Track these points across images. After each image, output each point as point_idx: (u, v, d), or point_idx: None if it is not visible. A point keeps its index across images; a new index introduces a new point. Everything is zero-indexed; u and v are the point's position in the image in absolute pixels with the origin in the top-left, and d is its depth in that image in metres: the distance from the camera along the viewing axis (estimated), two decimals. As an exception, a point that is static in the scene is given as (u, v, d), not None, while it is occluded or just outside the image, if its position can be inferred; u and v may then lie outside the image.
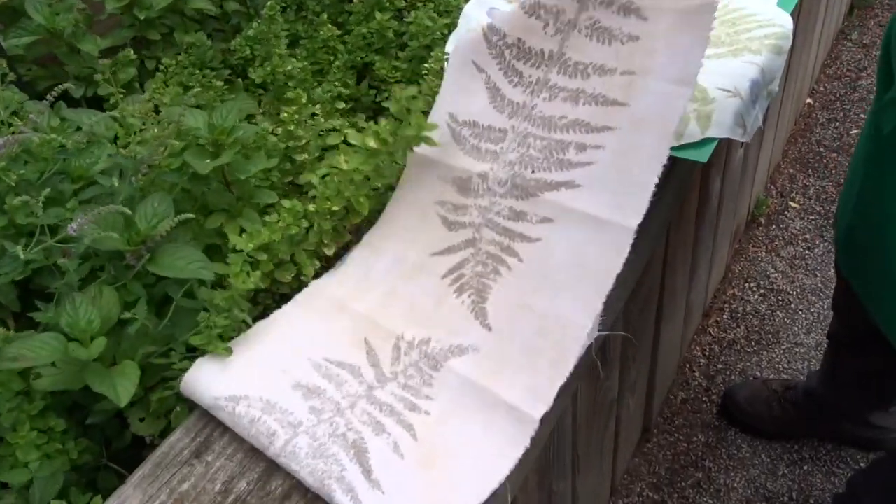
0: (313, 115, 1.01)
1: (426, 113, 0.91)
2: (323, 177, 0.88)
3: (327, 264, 0.89)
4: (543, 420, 0.72)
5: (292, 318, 0.83)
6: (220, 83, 1.10)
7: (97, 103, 1.12)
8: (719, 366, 1.79)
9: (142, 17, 1.18)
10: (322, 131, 0.96)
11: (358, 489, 0.67)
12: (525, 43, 0.90)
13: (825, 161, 2.33)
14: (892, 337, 1.05)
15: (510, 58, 0.91)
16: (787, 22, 1.19)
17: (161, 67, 1.00)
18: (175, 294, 0.70)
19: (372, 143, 0.81)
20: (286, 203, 0.81)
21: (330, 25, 1.22)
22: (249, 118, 1.13)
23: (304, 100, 0.92)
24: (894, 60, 0.99)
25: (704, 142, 0.99)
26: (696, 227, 1.44)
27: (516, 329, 0.79)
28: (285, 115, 0.90)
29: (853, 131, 2.43)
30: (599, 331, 0.82)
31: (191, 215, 0.70)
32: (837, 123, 2.47)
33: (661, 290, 1.33)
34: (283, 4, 1.35)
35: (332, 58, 1.22)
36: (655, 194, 0.81)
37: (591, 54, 0.87)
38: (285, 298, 0.85)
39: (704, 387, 1.76)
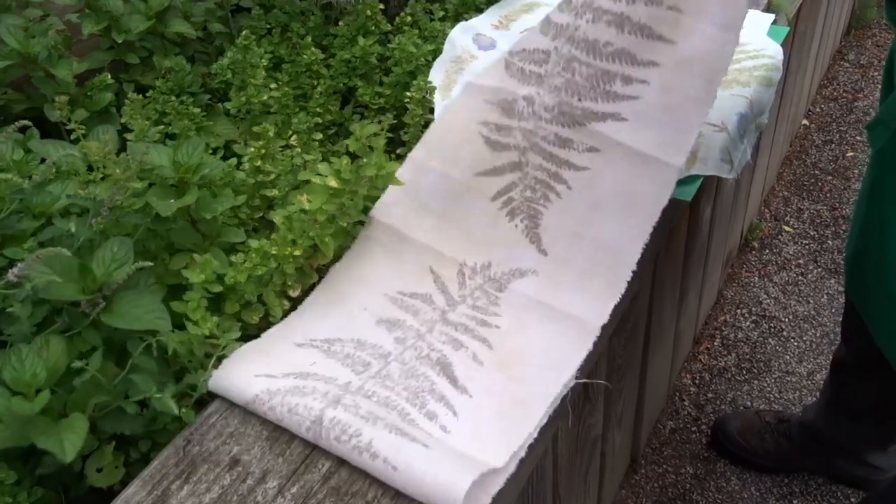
0: (288, 146, 0.98)
1: (389, 152, 0.92)
2: (287, 216, 0.86)
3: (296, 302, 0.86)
4: (603, 329, 0.81)
5: (361, 257, 0.89)
6: (197, 110, 1.08)
7: (74, 128, 1.09)
8: (709, 395, 1.76)
9: (120, 41, 1.16)
10: (295, 165, 0.93)
11: (448, 396, 0.75)
12: None
13: (820, 184, 2.30)
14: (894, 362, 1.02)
15: None
16: (777, 53, 1.17)
17: (128, 100, 0.97)
18: (133, 348, 0.67)
19: (333, 183, 0.78)
20: (253, 243, 0.78)
21: (314, 49, 1.19)
22: (229, 145, 1.10)
23: (271, 133, 0.89)
24: None
25: (690, 179, 0.97)
26: (686, 257, 1.41)
27: (571, 254, 0.86)
28: (252, 150, 0.87)
29: (849, 154, 2.41)
30: (577, 379, 0.79)
31: (149, 263, 0.67)
32: (833, 146, 2.45)
33: (647, 321, 1.30)
34: (268, 26, 1.33)
35: (315, 82, 1.19)
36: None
37: None
38: (250, 338, 0.82)
39: (694, 416, 1.73)
